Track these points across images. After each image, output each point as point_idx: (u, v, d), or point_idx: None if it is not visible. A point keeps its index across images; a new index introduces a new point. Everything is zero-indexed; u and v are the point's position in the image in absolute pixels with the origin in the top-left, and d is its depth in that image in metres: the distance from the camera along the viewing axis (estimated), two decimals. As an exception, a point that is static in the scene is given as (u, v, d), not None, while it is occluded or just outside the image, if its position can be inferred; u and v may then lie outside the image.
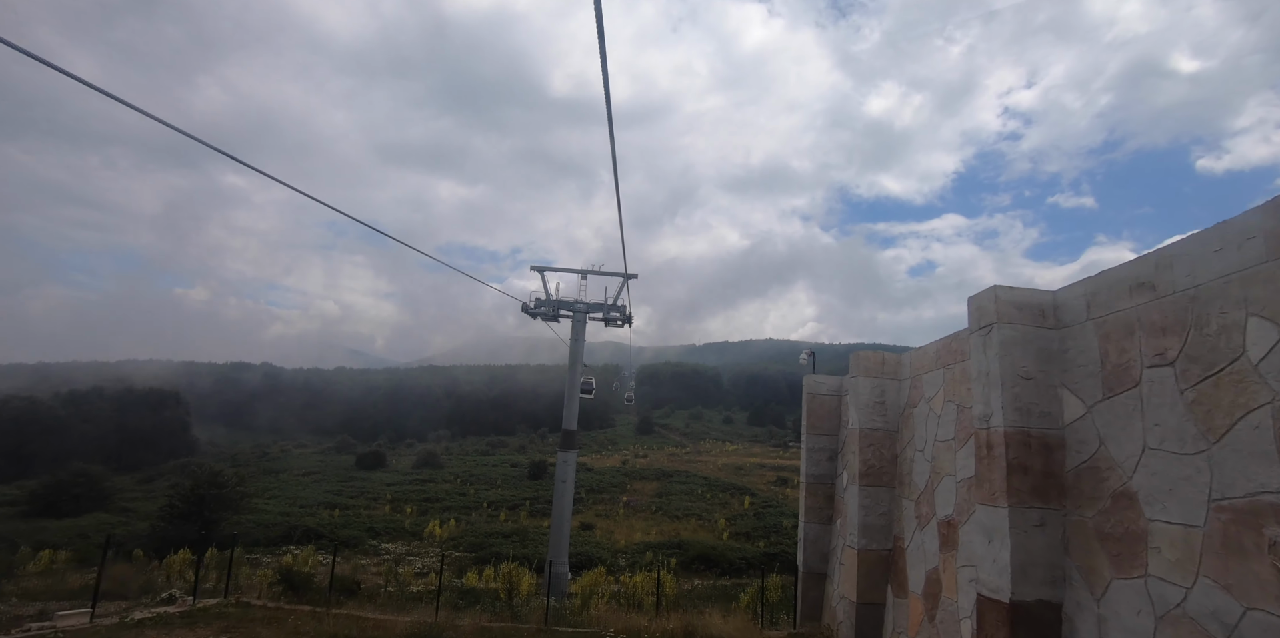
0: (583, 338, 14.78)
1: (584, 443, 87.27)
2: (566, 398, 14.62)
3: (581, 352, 14.66)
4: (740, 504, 38.08)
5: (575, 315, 14.93)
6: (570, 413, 14.60)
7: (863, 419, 7.22)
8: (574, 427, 14.59)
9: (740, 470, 56.85)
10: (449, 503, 36.19)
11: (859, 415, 7.22)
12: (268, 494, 40.24)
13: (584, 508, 36.75)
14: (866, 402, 7.28)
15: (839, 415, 8.50)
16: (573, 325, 14.92)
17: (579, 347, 14.67)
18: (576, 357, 14.63)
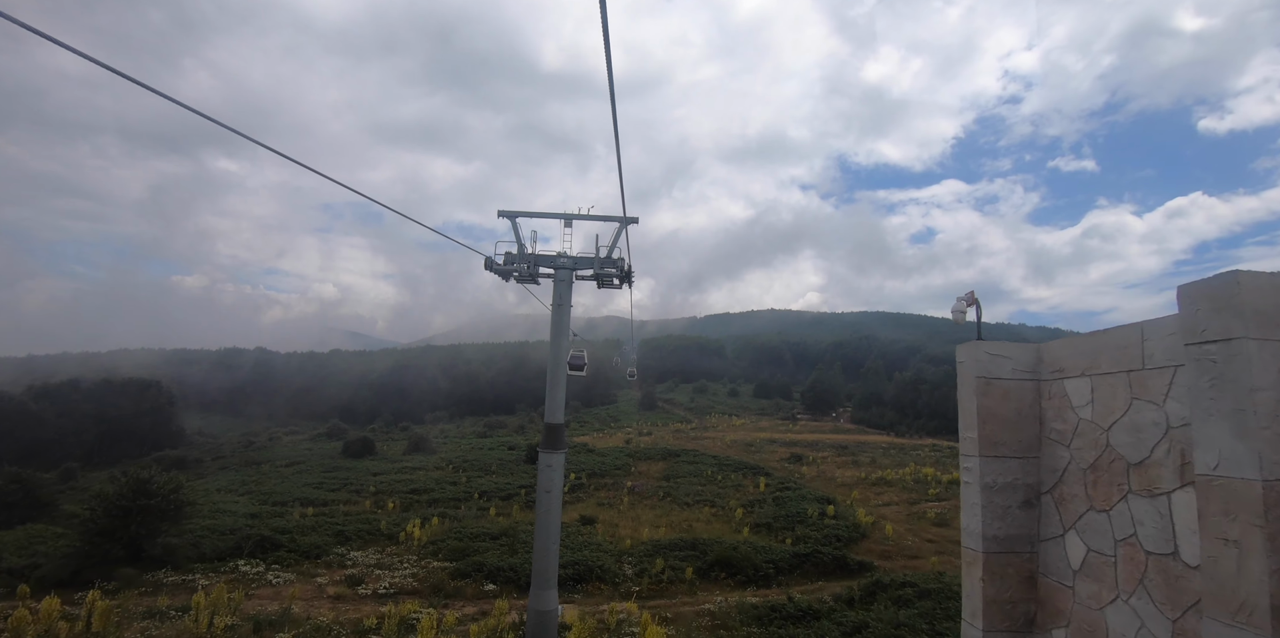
0: (568, 302, 11.15)
1: (585, 420, 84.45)
2: (549, 381, 11.07)
3: (567, 319, 11.07)
4: (755, 487, 35.01)
5: (558, 273, 11.27)
6: (555, 401, 11.06)
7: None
8: (559, 420, 11.09)
9: (750, 447, 53.88)
10: (437, 494, 33.07)
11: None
12: (242, 490, 37.14)
13: (585, 495, 33.66)
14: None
15: (1038, 419, 4.27)
16: (555, 286, 11.28)
17: (563, 314, 11.06)
18: (560, 326, 11.03)
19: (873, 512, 29.24)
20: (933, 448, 53.70)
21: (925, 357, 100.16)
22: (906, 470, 39.63)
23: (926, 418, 70.02)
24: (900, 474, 38.87)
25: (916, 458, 47.48)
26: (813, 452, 51.37)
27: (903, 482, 37.07)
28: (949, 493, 33.57)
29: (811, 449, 53.28)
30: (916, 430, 67.44)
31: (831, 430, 73.92)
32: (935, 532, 25.41)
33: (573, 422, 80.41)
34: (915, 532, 25.40)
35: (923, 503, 31.63)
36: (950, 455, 49.54)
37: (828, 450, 52.95)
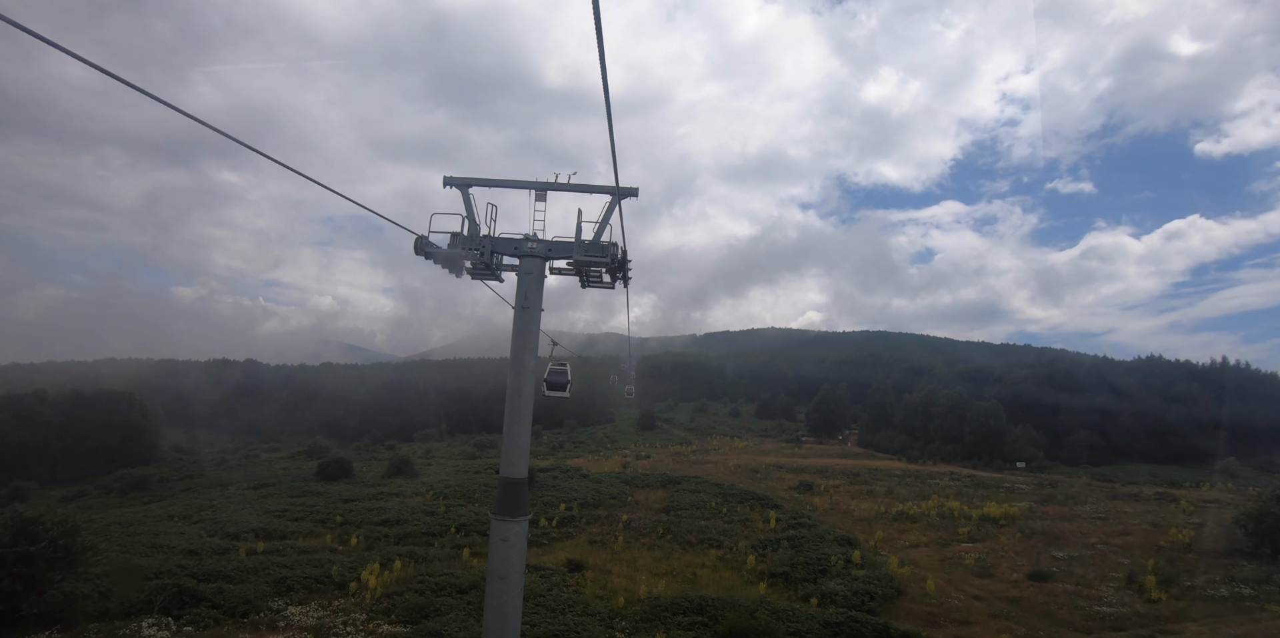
0: (538, 302, 8.03)
1: (580, 440, 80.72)
2: (508, 415, 7.83)
3: (536, 327, 7.90)
4: (764, 521, 31.49)
5: (524, 262, 8.13)
6: (515, 445, 7.82)
7: None
8: (522, 473, 7.86)
9: (756, 474, 50.32)
10: (409, 526, 29.51)
11: None
12: (197, 517, 33.55)
13: (575, 530, 30.10)
14: None
15: None
16: (519, 281, 8.12)
17: (531, 319, 7.92)
18: (525, 336, 7.88)
19: (900, 555, 25.74)
20: (951, 477, 50.09)
21: (934, 378, 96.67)
22: (930, 504, 36.07)
23: (940, 443, 66.36)
24: (923, 508, 35.32)
25: (937, 488, 43.89)
26: (823, 479, 47.82)
27: (927, 517, 33.53)
28: (982, 532, 30.04)
29: (821, 476, 49.72)
30: (929, 456, 63.79)
31: (839, 455, 70.29)
32: (979, 585, 21.89)
33: (568, 442, 76.77)
34: (956, 584, 21.87)
35: (955, 544, 28.09)
36: (973, 486, 45.97)
37: (839, 478, 49.38)
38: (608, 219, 8.29)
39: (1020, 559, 25.38)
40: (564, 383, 11.08)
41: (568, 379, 11.20)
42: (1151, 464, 58.98)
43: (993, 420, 61.21)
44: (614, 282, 8.69)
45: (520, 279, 8.06)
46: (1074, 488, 44.41)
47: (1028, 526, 30.78)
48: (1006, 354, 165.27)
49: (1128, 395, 65.03)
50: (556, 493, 37.94)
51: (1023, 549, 27.06)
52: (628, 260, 8.45)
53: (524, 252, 8.10)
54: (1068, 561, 25.03)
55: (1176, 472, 56.09)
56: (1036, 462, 56.84)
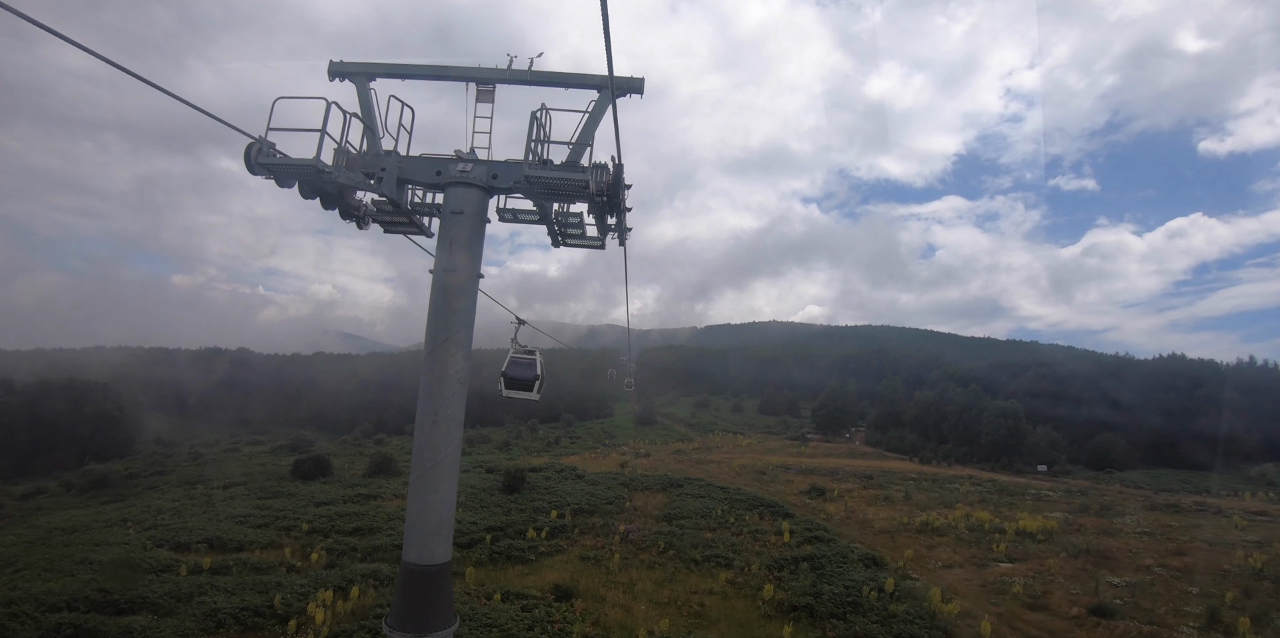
0: (474, 255, 4.75)
1: (577, 435, 77.74)
2: (417, 446, 4.67)
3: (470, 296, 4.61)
4: (776, 533, 28.41)
5: (450, 194, 4.82)
6: (432, 503, 4.76)
7: None
8: (444, 556, 4.79)
9: (763, 476, 47.27)
10: (382, 537, 26.45)
11: None
12: (151, 522, 30.47)
13: (567, 543, 26.96)
14: None
15: None
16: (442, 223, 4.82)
17: (458, 284, 4.57)
18: (449, 315, 4.63)
19: (934, 578, 22.65)
20: (971, 481, 47.00)
21: (944, 374, 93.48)
22: (956, 515, 32.96)
23: (954, 443, 63.28)
24: (949, 519, 32.21)
25: (958, 495, 40.81)
26: (834, 483, 44.79)
27: (954, 530, 30.42)
28: (1020, 550, 26.91)
29: (832, 479, 46.70)
30: (943, 457, 60.71)
31: (847, 454, 67.27)
32: (1035, 622, 18.77)
33: (563, 438, 73.75)
34: (1008, 621, 18.76)
35: (993, 565, 24.96)
36: (995, 492, 42.88)
37: (851, 481, 46.34)
38: (594, 127, 5.08)
39: (1072, 586, 22.25)
40: (531, 379, 7.96)
41: (537, 374, 8.06)
42: (1177, 470, 55.89)
43: (1011, 421, 58.08)
44: (602, 235, 5.54)
45: (444, 222, 4.88)
46: (1106, 496, 41.30)
47: (1070, 542, 27.64)
48: (1013, 351, 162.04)
49: (1151, 396, 61.86)
50: (548, 497, 34.88)
51: (1071, 572, 23.93)
52: (624, 193, 5.18)
53: (452, 177, 4.91)
54: (1128, 589, 21.89)
55: (1206, 478, 53.00)
56: (1059, 466, 53.77)
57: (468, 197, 4.89)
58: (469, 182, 4.94)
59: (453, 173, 4.93)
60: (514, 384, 7.88)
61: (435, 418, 4.70)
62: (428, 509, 4.83)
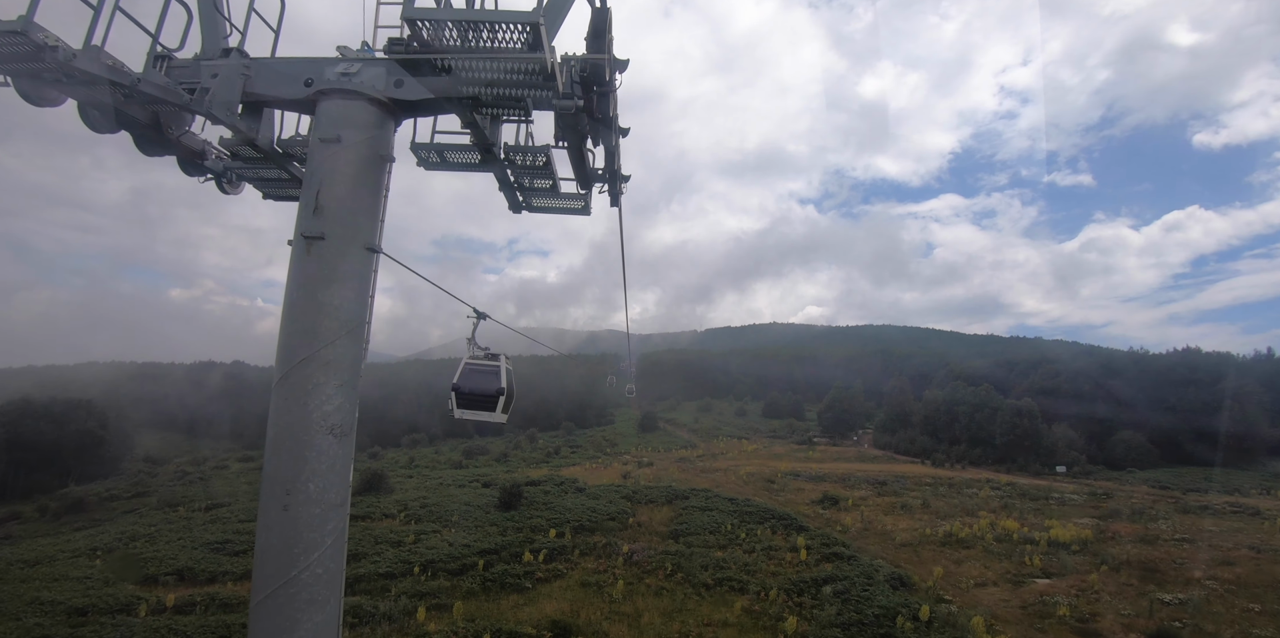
0: (374, 213, 2.75)
1: (578, 444, 75.70)
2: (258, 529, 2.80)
3: (364, 285, 2.56)
4: (792, 549, 26.46)
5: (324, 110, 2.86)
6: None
7: None
8: None
9: (771, 484, 45.27)
10: (364, 566, 24.40)
11: None
12: (117, 553, 28.45)
13: (567, 566, 24.94)
14: None
15: None
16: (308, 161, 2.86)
17: (333, 264, 2.56)
18: (314, 303, 2.63)
19: (969, 599, 20.70)
20: (990, 485, 45.02)
21: (951, 373, 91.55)
22: (981, 524, 30.98)
23: (966, 445, 61.24)
24: (974, 529, 30.23)
25: (978, 501, 38.83)
26: (847, 490, 42.82)
27: (982, 541, 28.45)
28: (1057, 563, 24.91)
29: (844, 486, 44.73)
30: (956, 459, 58.69)
31: (856, 458, 65.26)
32: (1091, 651, 16.79)
33: (564, 447, 71.69)
34: (1060, 651, 16.78)
35: (1030, 581, 22.98)
36: (1016, 496, 40.91)
37: (864, 488, 44.37)
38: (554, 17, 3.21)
39: (1122, 605, 20.29)
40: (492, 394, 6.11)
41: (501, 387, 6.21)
42: (1200, 467, 53.90)
43: (1026, 420, 56.10)
44: (584, 188, 3.69)
45: (312, 160, 3.01)
46: (1134, 499, 39.31)
47: (1109, 554, 25.67)
48: (1017, 348, 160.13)
49: (1170, 391, 59.90)
50: (547, 514, 32.87)
51: (1116, 589, 21.96)
52: (616, 93, 3.29)
53: (327, 85, 3.04)
54: (1184, 608, 19.92)
55: (1232, 476, 51.03)
56: (1079, 467, 51.76)
57: (351, 116, 3.05)
58: (353, 90, 3.08)
59: (329, 78, 3.07)
60: (469, 401, 6.06)
61: (287, 501, 2.86)
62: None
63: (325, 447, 3.07)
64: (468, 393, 6.01)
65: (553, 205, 3.98)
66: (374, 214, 3.14)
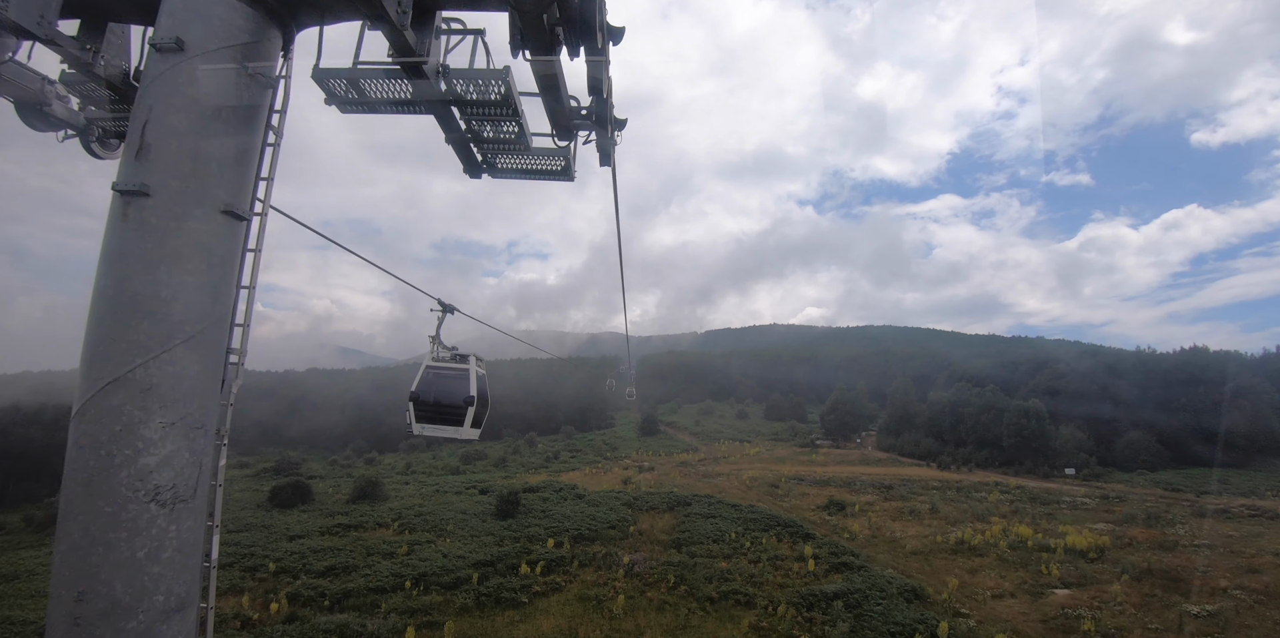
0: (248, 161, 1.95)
1: (578, 448, 74.69)
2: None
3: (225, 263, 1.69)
4: (799, 558, 25.49)
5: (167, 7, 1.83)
6: None
7: None
8: None
9: (776, 489, 44.26)
10: (355, 579, 23.41)
11: None
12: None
13: (565, 578, 23.96)
14: None
15: None
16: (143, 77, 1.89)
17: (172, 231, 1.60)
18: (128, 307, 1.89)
19: (987, 612, 19.75)
20: (999, 488, 44.02)
21: (955, 374, 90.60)
22: (994, 531, 29.99)
23: (973, 447, 60.24)
24: (987, 536, 29.25)
25: (988, 506, 37.82)
26: (853, 495, 41.82)
27: (995, 549, 27.46)
28: (1076, 572, 23.91)
29: (850, 491, 43.73)
30: (962, 462, 57.68)
31: (860, 461, 64.26)
32: (1122, 671, 15.80)
33: (563, 451, 70.67)
34: (1089, 671, 15.79)
35: (1049, 592, 22.00)
36: (1026, 500, 39.90)
37: (870, 492, 43.38)
38: None
39: (1148, 618, 19.32)
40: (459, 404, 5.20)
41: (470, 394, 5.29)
42: (1212, 469, 52.89)
43: (1034, 421, 55.09)
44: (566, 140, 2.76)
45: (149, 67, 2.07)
46: (1149, 503, 38.31)
47: (1129, 562, 24.67)
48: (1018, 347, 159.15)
49: (1179, 391, 58.91)
50: (545, 522, 31.90)
51: (1140, 600, 20.98)
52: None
53: None
54: (1214, 621, 18.95)
55: (1246, 477, 50.04)
56: (1089, 469, 50.74)
57: (208, 12, 2.08)
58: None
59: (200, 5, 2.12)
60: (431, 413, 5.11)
61: (77, 613, 1.92)
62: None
63: (143, 524, 2.11)
64: (430, 403, 5.07)
65: (522, 165, 3.01)
66: (242, 162, 2.20)
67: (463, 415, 5.15)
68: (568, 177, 3.10)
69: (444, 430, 5.18)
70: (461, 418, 5.17)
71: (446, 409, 5.16)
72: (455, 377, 5.26)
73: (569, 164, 3.03)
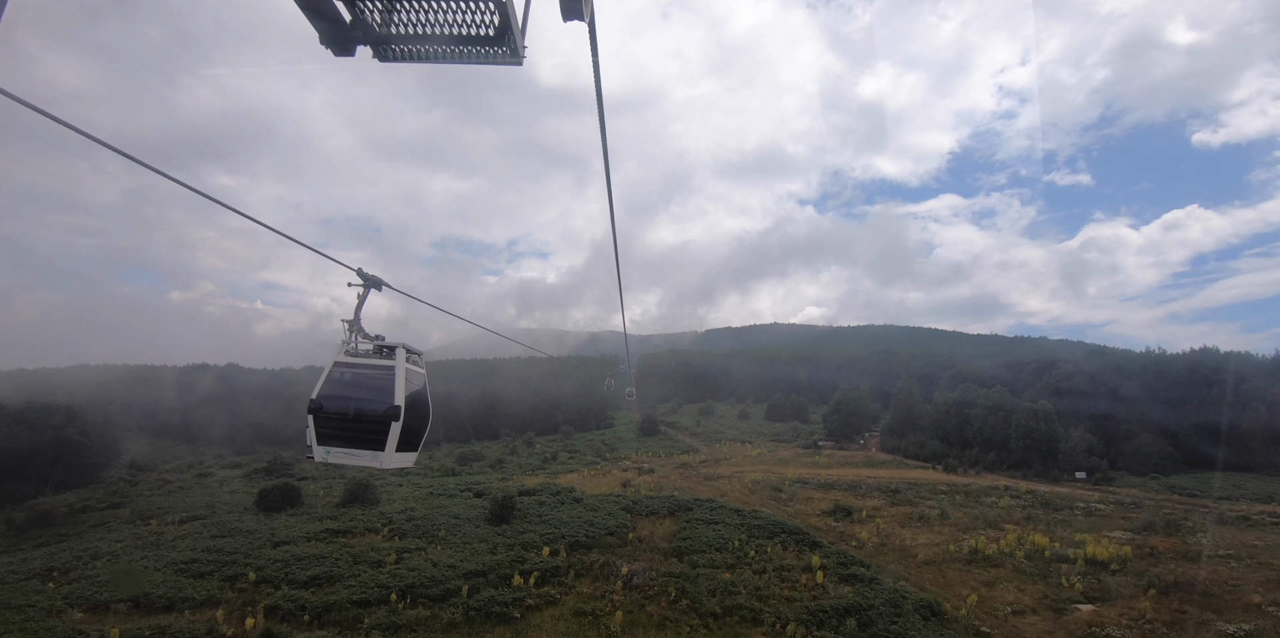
0: None
1: (576, 449, 73.44)
2: None
3: None
4: (806, 569, 24.27)
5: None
6: None
7: None
8: None
9: (779, 493, 43.02)
10: (338, 590, 22.20)
11: None
12: (77, 573, 26.25)
13: (561, 590, 22.74)
14: None
15: None
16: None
17: None
18: None
19: (1008, 631, 18.52)
20: (1009, 493, 42.79)
21: (959, 374, 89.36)
22: (1009, 540, 28.74)
23: (980, 449, 58.99)
24: (1001, 545, 28.01)
25: (999, 512, 36.58)
26: (858, 499, 40.58)
27: (1011, 559, 26.23)
28: (1099, 586, 22.68)
29: (856, 495, 42.49)
30: (969, 464, 56.45)
31: (864, 463, 63.02)
32: (1164, 702, 14.56)
33: (561, 452, 69.45)
34: (1127, 701, 14.55)
35: (1073, 608, 20.77)
36: (1038, 505, 38.64)
37: (876, 496, 42.13)
38: None
39: (1182, 639, 18.09)
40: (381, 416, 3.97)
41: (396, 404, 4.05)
42: (1225, 473, 51.66)
43: (1043, 424, 53.85)
44: None
45: None
46: (1165, 509, 37.07)
47: (1155, 575, 23.42)
48: (1020, 347, 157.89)
49: (1191, 393, 57.67)
50: (541, 528, 30.68)
51: (1171, 618, 19.76)
52: None
53: None
54: (1254, 642, 17.72)
55: (1264, 482, 48.82)
56: (1100, 473, 49.51)
57: None
58: None
59: None
60: (340, 430, 3.90)
61: None
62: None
63: None
64: (337, 417, 3.83)
65: (425, 28, 1.77)
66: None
67: (383, 434, 3.88)
68: (514, 59, 1.88)
69: (358, 456, 3.95)
70: (382, 437, 3.90)
71: (362, 425, 3.90)
72: (376, 378, 4.01)
73: (512, 40, 1.80)
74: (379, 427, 3.87)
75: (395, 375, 3.94)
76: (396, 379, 3.92)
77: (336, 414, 3.84)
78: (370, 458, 3.84)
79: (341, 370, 3.99)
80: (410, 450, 4.17)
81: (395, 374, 3.94)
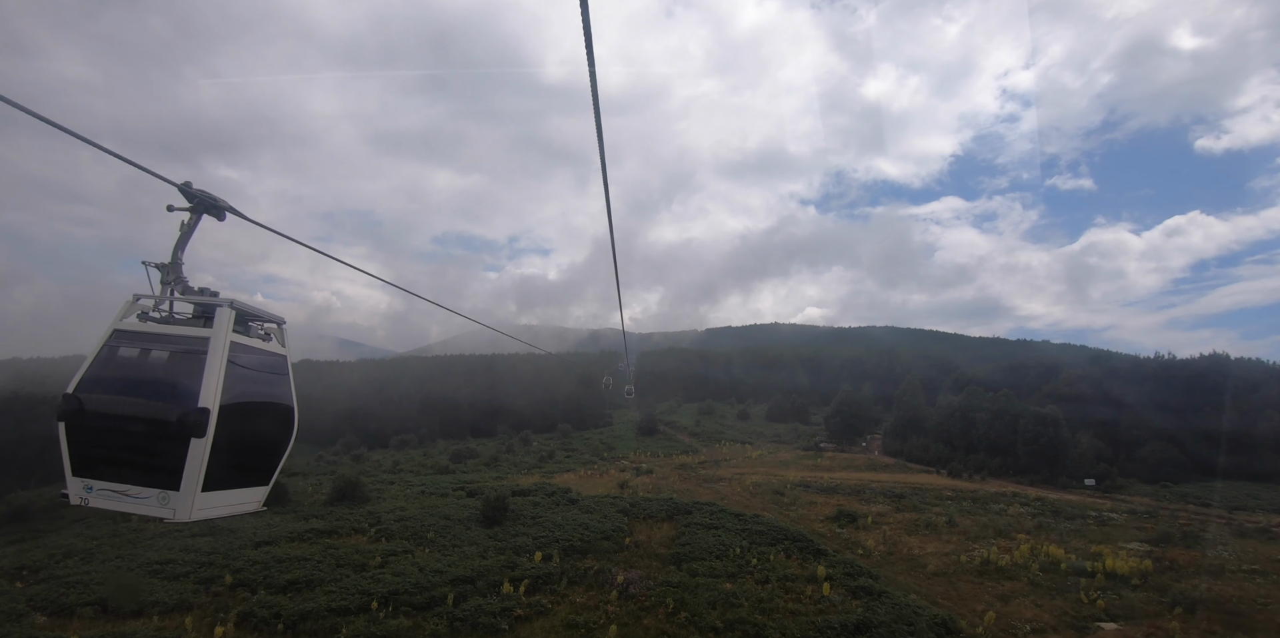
0: None
1: (573, 447, 72.28)
2: None
3: None
4: (811, 579, 23.10)
5: None
6: None
7: None
8: None
9: (780, 497, 41.87)
10: (317, 597, 21.01)
11: None
12: (49, 572, 25.06)
13: (553, 598, 21.55)
14: None
15: None
16: None
17: None
18: None
19: (1029, 653, 17.33)
20: (1018, 499, 41.61)
21: (963, 377, 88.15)
22: (1022, 550, 27.55)
23: (985, 454, 57.81)
24: (1015, 555, 26.83)
25: (1008, 519, 35.40)
26: (862, 504, 39.42)
27: (1026, 571, 25.03)
28: (1121, 602, 21.49)
29: (860, 500, 41.33)
30: (974, 469, 55.27)
31: (867, 466, 61.87)
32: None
33: (558, 451, 68.26)
34: (1166, 736, 13.35)
35: (1096, 628, 19.58)
36: (1048, 513, 37.46)
37: (881, 501, 40.97)
38: None
39: (1217, 664, 16.89)
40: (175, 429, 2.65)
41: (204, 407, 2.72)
42: (1238, 481, 50.47)
43: (1051, 429, 52.66)
44: None
45: None
46: (1181, 519, 35.89)
47: (1177, 590, 22.22)
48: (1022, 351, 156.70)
49: (1202, 399, 56.46)
50: (534, 531, 29.49)
51: (1201, 639, 18.56)
52: None
53: None
54: (1295, 669, 16.51)
55: (1275, 492, 47.61)
56: (1110, 480, 48.31)
57: None
58: None
59: None
60: (106, 451, 2.67)
61: None
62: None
63: None
64: (100, 424, 2.61)
65: None
66: None
67: (175, 460, 2.56)
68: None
69: (134, 498, 2.64)
70: (172, 466, 2.57)
71: (142, 443, 2.63)
72: (182, 361, 2.69)
73: None
74: (168, 447, 2.54)
75: (208, 356, 2.62)
76: (208, 363, 2.61)
77: (104, 422, 2.56)
78: (156, 502, 2.53)
79: (125, 346, 2.70)
80: (248, 485, 2.81)
81: (209, 354, 2.62)
